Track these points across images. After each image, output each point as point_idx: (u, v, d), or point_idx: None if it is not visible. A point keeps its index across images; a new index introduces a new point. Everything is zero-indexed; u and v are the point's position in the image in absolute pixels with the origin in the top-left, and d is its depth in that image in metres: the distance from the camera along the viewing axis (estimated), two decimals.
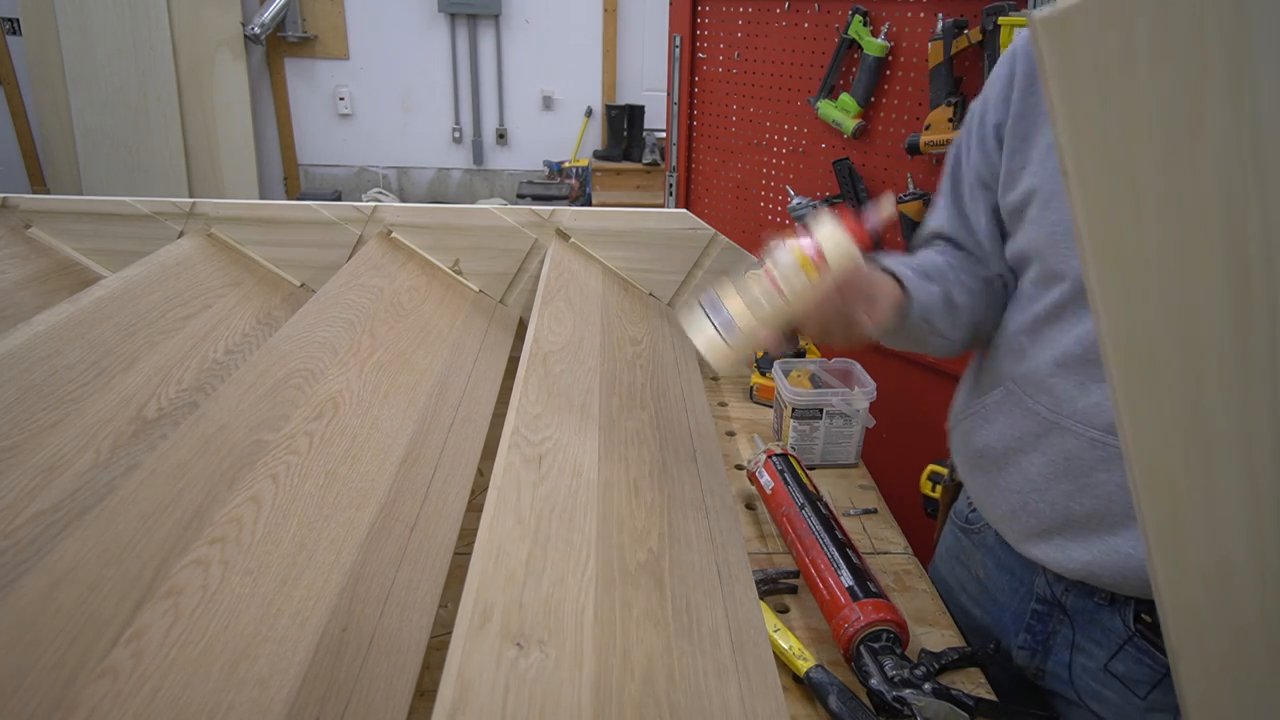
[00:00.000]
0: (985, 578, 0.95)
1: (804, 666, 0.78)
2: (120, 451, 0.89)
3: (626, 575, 0.73)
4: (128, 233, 1.39)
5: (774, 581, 0.91)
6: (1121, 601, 0.81)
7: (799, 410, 1.16)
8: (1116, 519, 0.76)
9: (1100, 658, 0.84)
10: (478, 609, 0.62)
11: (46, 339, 0.97)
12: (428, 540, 0.83)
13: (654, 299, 1.44)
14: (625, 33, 4.19)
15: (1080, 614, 0.85)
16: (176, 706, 0.57)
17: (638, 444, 0.95)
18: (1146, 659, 0.80)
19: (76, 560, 0.62)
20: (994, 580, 0.93)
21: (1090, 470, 0.76)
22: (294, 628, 0.66)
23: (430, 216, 1.40)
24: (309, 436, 0.86)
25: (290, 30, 3.99)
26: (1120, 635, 0.82)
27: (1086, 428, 0.76)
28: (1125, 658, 0.81)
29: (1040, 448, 0.81)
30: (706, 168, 1.99)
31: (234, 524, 0.72)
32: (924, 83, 1.48)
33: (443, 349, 1.18)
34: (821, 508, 0.95)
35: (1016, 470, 0.84)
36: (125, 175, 3.81)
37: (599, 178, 3.96)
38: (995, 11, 1.32)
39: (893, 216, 0.69)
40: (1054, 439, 0.79)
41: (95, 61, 3.66)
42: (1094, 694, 0.85)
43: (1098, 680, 0.84)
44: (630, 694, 0.61)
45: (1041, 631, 0.88)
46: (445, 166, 4.39)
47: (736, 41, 1.82)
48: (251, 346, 1.19)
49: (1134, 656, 0.81)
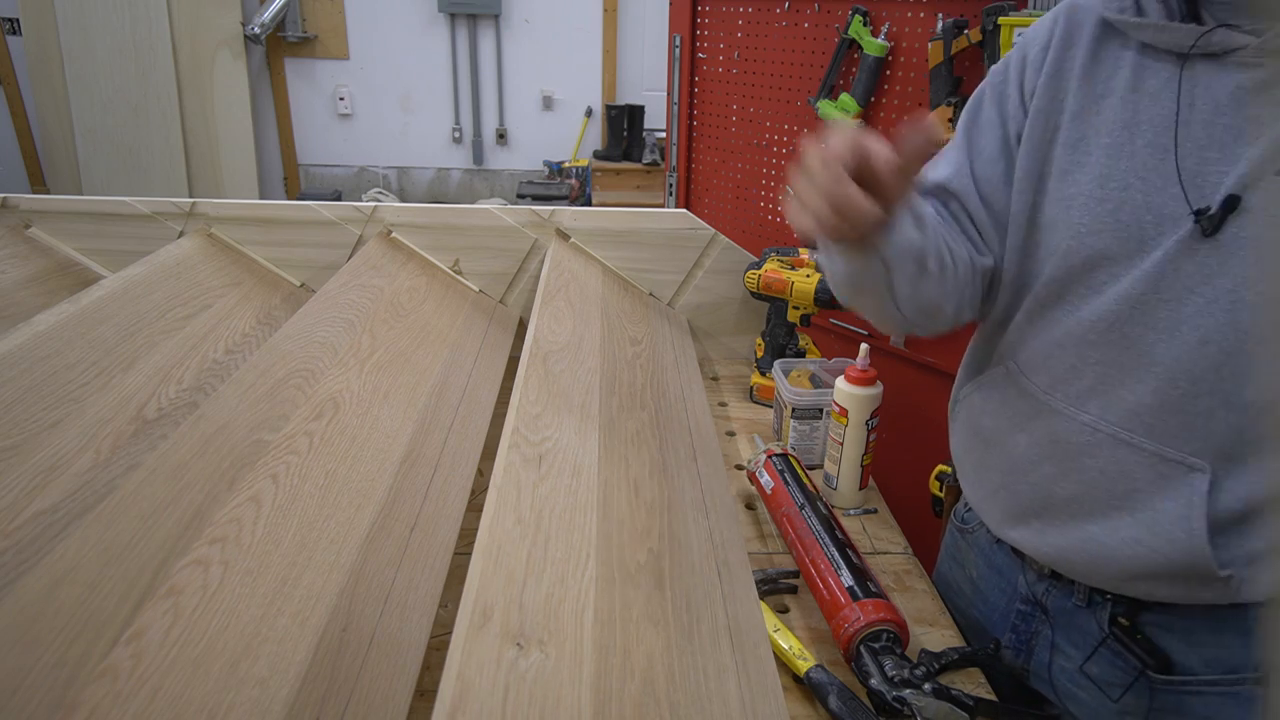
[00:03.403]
0: (977, 577, 0.95)
1: (804, 666, 0.78)
2: (120, 451, 0.89)
3: (626, 575, 0.73)
4: (128, 233, 1.39)
5: (774, 581, 0.91)
6: (1099, 604, 0.81)
7: (799, 410, 1.16)
8: (1097, 505, 0.76)
9: (1076, 659, 0.84)
10: (478, 609, 0.62)
11: (46, 339, 0.97)
12: (428, 540, 0.83)
13: (654, 299, 1.44)
14: (625, 33, 4.19)
15: (1059, 615, 0.85)
16: (176, 706, 0.57)
17: (638, 444, 0.95)
18: (1120, 661, 0.80)
19: (76, 560, 0.62)
20: (985, 580, 0.94)
21: (1076, 454, 0.76)
22: (294, 628, 0.66)
23: (430, 216, 1.41)
24: (309, 436, 0.86)
25: (290, 30, 3.99)
26: (1096, 637, 0.82)
27: (1077, 411, 0.75)
28: (1100, 660, 0.82)
29: (1029, 428, 0.80)
30: (706, 168, 1.99)
31: (234, 524, 0.72)
32: (924, 83, 1.48)
33: (443, 349, 1.18)
34: (821, 507, 0.95)
35: (1002, 450, 0.84)
36: (125, 175, 3.81)
37: (599, 178, 3.96)
38: (995, 11, 1.32)
39: (939, 138, 0.64)
40: (1043, 420, 0.78)
41: (95, 61, 3.66)
42: (1070, 695, 0.85)
43: (1073, 681, 0.85)
44: (630, 694, 0.61)
45: (1025, 631, 0.89)
46: (445, 166, 4.39)
47: (736, 41, 1.82)
48: (251, 346, 1.19)
49: (1108, 659, 0.81)
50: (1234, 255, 0.64)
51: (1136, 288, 0.70)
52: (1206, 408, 0.68)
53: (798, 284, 1.29)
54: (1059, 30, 0.77)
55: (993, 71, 0.84)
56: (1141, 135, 0.70)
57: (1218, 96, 0.66)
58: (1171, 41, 0.68)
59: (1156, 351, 0.69)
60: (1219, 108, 0.66)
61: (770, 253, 1.36)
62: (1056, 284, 0.76)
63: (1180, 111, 0.67)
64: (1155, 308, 0.69)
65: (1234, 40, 0.64)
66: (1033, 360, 0.80)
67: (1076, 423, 0.76)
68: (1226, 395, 0.67)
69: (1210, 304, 0.66)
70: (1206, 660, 0.76)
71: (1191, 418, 0.69)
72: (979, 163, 0.83)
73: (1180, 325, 0.68)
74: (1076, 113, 0.75)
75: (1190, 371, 0.68)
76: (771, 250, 1.37)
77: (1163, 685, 0.77)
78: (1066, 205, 0.74)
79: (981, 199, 0.83)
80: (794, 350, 1.35)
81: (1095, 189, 0.72)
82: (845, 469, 1.07)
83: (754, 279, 1.33)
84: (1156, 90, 0.70)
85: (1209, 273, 0.66)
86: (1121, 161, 0.71)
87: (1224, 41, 0.65)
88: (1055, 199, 0.76)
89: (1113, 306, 0.71)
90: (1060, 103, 0.76)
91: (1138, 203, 0.69)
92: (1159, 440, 0.71)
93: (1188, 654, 0.77)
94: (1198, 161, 0.66)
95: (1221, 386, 0.67)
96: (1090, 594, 0.82)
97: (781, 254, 1.36)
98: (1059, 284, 0.76)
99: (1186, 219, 0.67)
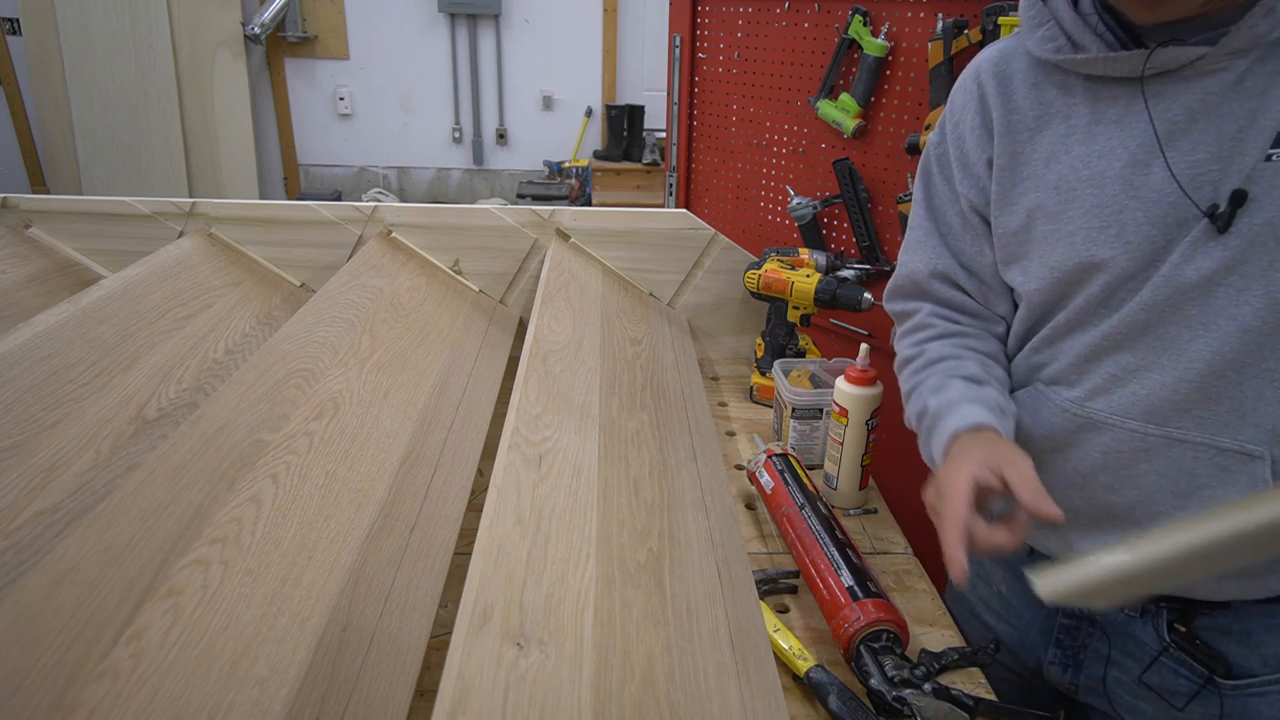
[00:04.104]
0: (1007, 592, 0.93)
1: (804, 666, 0.78)
2: (120, 451, 0.89)
3: (626, 575, 0.73)
4: (128, 233, 1.39)
5: (774, 581, 0.91)
6: (1154, 612, 0.80)
7: (799, 410, 1.16)
8: (1160, 509, 0.74)
9: (1134, 670, 0.83)
10: (478, 609, 0.62)
11: (46, 339, 0.97)
12: (428, 540, 0.83)
13: (654, 299, 1.44)
14: (625, 33, 4.18)
15: (1111, 626, 0.84)
16: (176, 706, 0.57)
17: (638, 444, 0.95)
18: (1183, 670, 0.79)
19: (76, 560, 0.62)
20: (1016, 594, 0.92)
21: (1130, 462, 0.75)
22: (294, 628, 0.66)
23: (430, 216, 1.41)
24: (309, 436, 0.86)
25: (290, 30, 3.99)
26: (1154, 647, 0.81)
27: (1123, 419, 0.74)
28: (1161, 669, 0.80)
29: (1074, 443, 0.78)
30: (706, 168, 1.99)
31: (234, 524, 0.72)
32: (924, 83, 1.48)
33: (443, 349, 1.18)
34: (821, 507, 0.95)
35: (1049, 468, 0.81)
36: (125, 175, 3.81)
37: (599, 178, 3.96)
38: (995, 11, 1.32)
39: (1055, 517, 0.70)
40: (1088, 434, 0.77)
41: (95, 61, 3.66)
42: (1130, 707, 0.84)
43: (1132, 693, 0.83)
44: (630, 694, 0.61)
45: (1071, 645, 0.87)
46: (445, 166, 4.39)
47: (736, 41, 1.81)
48: (251, 346, 1.19)
49: (1170, 668, 0.80)
50: (1253, 243, 0.65)
51: (1160, 294, 0.70)
52: (1254, 391, 0.68)
53: (798, 284, 1.29)
54: (990, 89, 0.79)
55: (932, 144, 0.87)
56: (1118, 159, 0.71)
57: (1188, 105, 0.67)
58: (1123, 69, 0.70)
59: (1195, 347, 0.69)
60: (1193, 115, 0.67)
61: (770, 253, 1.36)
62: (1077, 311, 0.76)
63: (1157, 128, 0.69)
64: (1184, 307, 0.69)
65: (1187, 55, 0.66)
66: (1065, 378, 0.79)
67: (1125, 431, 0.74)
68: (1273, 375, 0.67)
69: (1241, 292, 0.67)
70: (1265, 660, 0.76)
71: (1240, 404, 0.69)
72: (950, 238, 0.87)
73: (1216, 317, 0.68)
74: (1047, 158, 0.76)
75: (1233, 359, 0.68)
76: (771, 250, 1.37)
77: (1230, 690, 0.77)
78: (1069, 242, 0.75)
79: (967, 270, 0.87)
80: (794, 350, 1.35)
81: (1092, 219, 0.73)
82: (845, 469, 1.07)
83: (754, 279, 1.33)
84: (1119, 117, 0.71)
85: (1232, 264, 0.66)
86: (1108, 187, 0.72)
87: (1178, 58, 0.67)
88: (1054, 240, 0.76)
89: (1140, 316, 0.72)
90: (1021, 155, 0.78)
91: (1139, 220, 0.70)
92: (1211, 432, 0.70)
93: (1247, 656, 0.76)
94: (1189, 167, 0.68)
95: (1266, 367, 0.67)
96: (1144, 603, 0.81)
97: (781, 254, 1.36)
98: (1079, 311, 0.76)
99: (1194, 222, 0.68)
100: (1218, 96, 0.66)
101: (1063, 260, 0.75)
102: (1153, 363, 0.72)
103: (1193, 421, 0.71)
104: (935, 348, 0.87)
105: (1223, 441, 0.70)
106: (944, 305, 0.89)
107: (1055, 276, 0.77)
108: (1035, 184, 0.77)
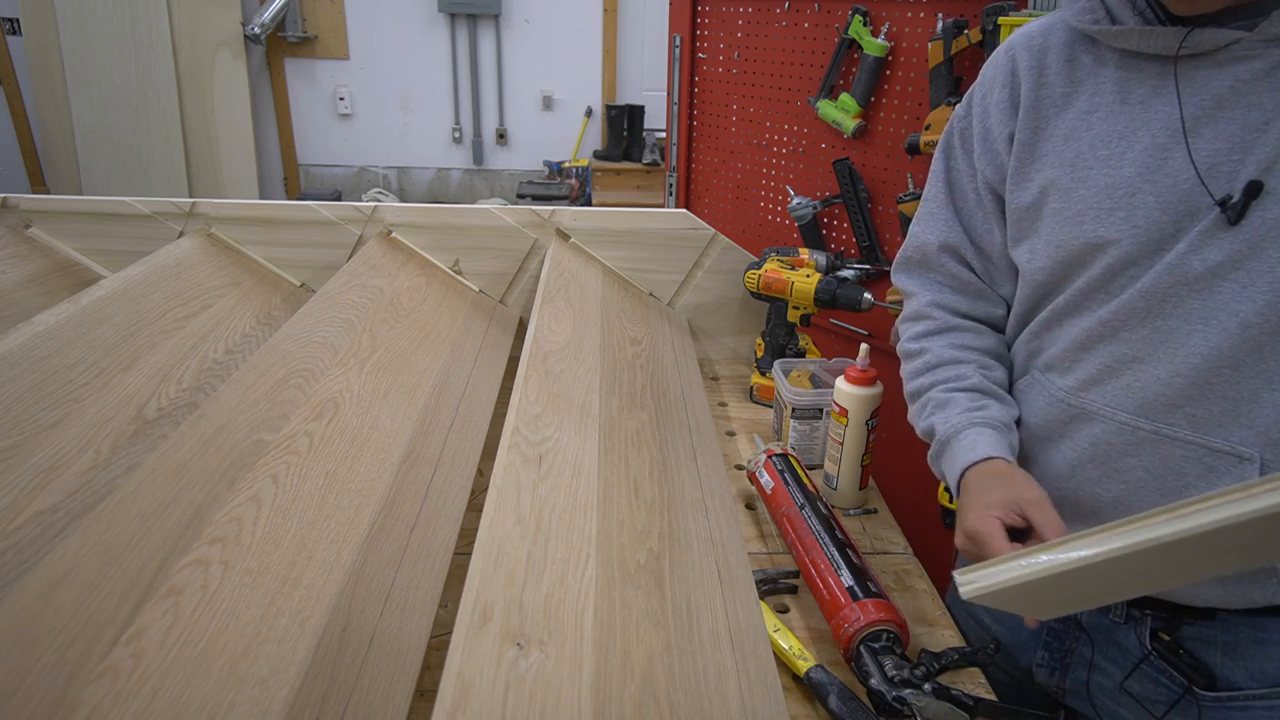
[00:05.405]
0: None
1: (804, 666, 0.78)
2: (120, 451, 0.89)
3: (626, 575, 0.73)
4: (128, 233, 1.39)
5: (774, 581, 0.91)
6: (1137, 619, 0.80)
7: (799, 410, 1.16)
8: (1144, 506, 0.72)
9: (1116, 676, 0.83)
10: (478, 609, 0.62)
11: (46, 339, 0.97)
12: (428, 540, 0.83)
13: (654, 299, 1.44)
14: (625, 33, 4.18)
15: (1096, 631, 0.84)
16: (176, 706, 0.57)
17: (638, 444, 0.95)
18: (1163, 678, 0.79)
19: (76, 560, 0.62)
20: None
21: (1118, 455, 0.74)
22: (294, 627, 0.66)
23: (430, 216, 1.41)
24: (309, 436, 0.86)
25: (290, 30, 3.99)
26: (1135, 654, 0.81)
27: (1114, 410, 0.74)
28: (1141, 677, 0.80)
29: (1065, 433, 0.78)
30: (706, 168, 1.99)
31: (234, 524, 0.72)
32: (924, 83, 1.48)
33: (443, 349, 1.18)
34: (821, 507, 0.95)
35: (1039, 457, 0.82)
36: (125, 175, 3.81)
37: (599, 178, 3.96)
38: (995, 11, 1.32)
39: None
40: (1079, 424, 0.77)
41: (95, 61, 3.66)
42: (1111, 713, 0.84)
43: (1114, 699, 0.83)
44: (630, 694, 0.61)
45: (1059, 649, 0.87)
46: (445, 166, 4.39)
47: (736, 41, 1.81)
48: (251, 346, 1.19)
49: (1150, 676, 0.80)
50: (1264, 238, 0.65)
51: (1162, 282, 0.69)
52: (1250, 391, 0.67)
53: (798, 284, 1.29)
54: (1023, 63, 0.78)
55: (956, 117, 0.86)
56: (1139, 141, 0.70)
57: (1217, 91, 0.66)
58: (1158, 45, 0.69)
59: (1193, 341, 0.69)
60: (1220, 102, 0.66)
61: (770, 253, 1.36)
62: (1077, 294, 0.76)
63: (1184, 111, 0.68)
64: (1186, 299, 0.69)
65: (1223, 37, 0.65)
66: (1060, 365, 0.79)
67: (1115, 423, 0.74)
68: (1270, 377, 0.66)
69: (1246, 288, 0.66)
70: (1251, 673, 0.75)
71: (1234, 404, 0.68)
72: (964, 213, 0.87)
73: (1217, 312, 0.67)
74: (1067, 134, 0.75)
75: (1232, 357, 0.67)
76: (771, 250, 1.37)
77: (1210, 702, 0.76)
78: (1077, 220, 0.74)
79: (976, 247, 0.87)
80: (794, 350, 1.35)
81: (1103, 200, 0.72)
82: (845, 469, 1.07)
83: (754, 279, 1.33)
84: (1146, 97, 0.70)
85: (1239, 257, 0.66)
86: (1124, 169, 0.71)
87: (1213, 40, 0.66)
88: (1063, 217, 0.76)
89: (1139, 304, 0.71)
90: (1043, 131, 0.77)
91: (1150, 205, 0.69)
92: (1203, 431, 0.70)
93: (1232, 668, 0.76)
94: (1209, 155, 0.67)
95: (1264, 368, 0.66)
96: (1128, 609, 0.81)
97: (781, 254, 1.36)
98: (1079, 294, 0.76)
99: (1206, 211, 0.67)
100: (1248, 84, 0.65)
101: (1069, 239, 0.75)
102: (1148, 355, 0.71)
103: (1184, 419, 0.70)
104: (937, 348, 0.87)
105: (1214, 441, 0.69)
106: (949, 280, 0.89)
107: (1060, 255, 0.76)
108: (1052, 160, 0.76)
